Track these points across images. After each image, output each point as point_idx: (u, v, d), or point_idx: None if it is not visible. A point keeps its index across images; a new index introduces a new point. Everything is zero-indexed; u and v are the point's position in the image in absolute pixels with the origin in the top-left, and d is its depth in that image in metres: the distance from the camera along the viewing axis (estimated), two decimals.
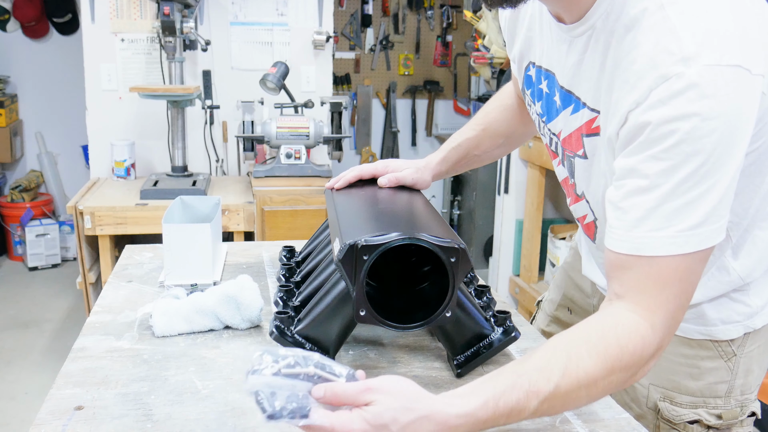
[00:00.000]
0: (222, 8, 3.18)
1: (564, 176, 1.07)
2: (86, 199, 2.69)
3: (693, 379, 1.06)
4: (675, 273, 0.81)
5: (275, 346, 0.96)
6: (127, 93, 3.11)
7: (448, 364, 1.03)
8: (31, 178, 4.63)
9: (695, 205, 0.79)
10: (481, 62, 3.39)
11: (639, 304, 0.82)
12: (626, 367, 0.81)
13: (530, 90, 1.09)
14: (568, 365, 0.79)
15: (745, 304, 1.02)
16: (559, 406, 0.80)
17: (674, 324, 0.84)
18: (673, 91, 0.77)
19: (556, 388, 0.78)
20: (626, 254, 0.82)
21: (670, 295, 0.82)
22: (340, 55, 5.04)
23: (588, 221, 1.05)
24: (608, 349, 0.80)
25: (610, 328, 0.82)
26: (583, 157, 0.97)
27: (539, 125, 1.09)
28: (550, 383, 0.78)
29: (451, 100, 5.35)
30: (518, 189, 3.33)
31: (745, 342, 1.04)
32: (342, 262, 0.89)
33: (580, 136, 0.96)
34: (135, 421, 0.86)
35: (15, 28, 4.59)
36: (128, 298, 1.26)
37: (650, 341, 0.81)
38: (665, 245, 0.80)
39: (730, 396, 1.06)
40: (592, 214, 1.02)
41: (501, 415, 0.76)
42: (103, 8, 3.07)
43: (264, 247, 1.59)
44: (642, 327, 0.81)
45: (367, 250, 0.88)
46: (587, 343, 0.81)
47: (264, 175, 2.85)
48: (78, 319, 3.58)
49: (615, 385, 0.82)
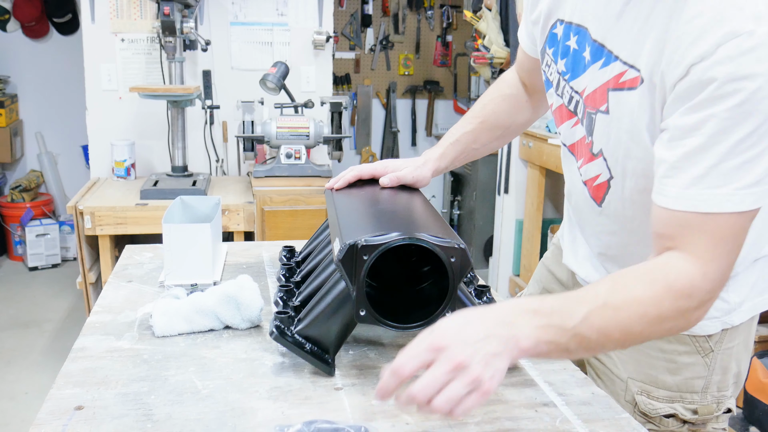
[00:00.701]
0: (222, 8, 3.18)
1: (579, 137, 1.05)
2: (86, 199, 2.69)
3: (670, 373, 1.07)
4: (730, 230, 0.82)
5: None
6: (127, 93, 3.11)
7: None
8: (31, 178, 4.63)
9: (753, 165, 0.80)
10: (481, 62, 3.39)
11: (692, 253, 0.83)
12: (676, 298, 0.81)
13: (553, 49, 1.07)
14: (614, 286, 0.82)
15: (723, 300, 1.03)
16: (613, 322, 0.80)
17: (724, 280, 0.85)
18: (742, 48, 0.77)
19: (605, 302, 0.80)
20: (683, 211, 0.83)
21: (723, 250, 0.83)
22: (340, 55, 5.04)
23: (601, 181, 1.02)
24: (655, 280, 0.82)
25: (658, 267, 0.84)
26: (605, 112, 0.96)
27: (558, 85, 1.07)
28: (597, 298, 0.81)
29: (451, 100, 5.35)
30: (518, 189, 3.33)
31: (722, 338, 1.05)
32: (342, 262, 0.89)
33: (605, 91, 0.95)
34: (135, 421, 0.86)
35: (15, 28, 4.59)
36: (128, 298, 1.26)
37: (700, 286, 0.82)
38: (723, 202, 0.81)
39: (707, 392, 1.07)
40: (608, 172, 1.00)
41: (549, 312, 0.80)
42: (103, 8, 3.07)
43: (264, 247, 1.59)
44: (691, 271, 0.82)
45: (367, 250, 0.88)
46: (634, 273, 0.84)
47: (264, 175, 2.85)
48: (78, 319, 3.58)
49: (667, 320, 0.82)
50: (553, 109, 1.12)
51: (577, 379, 1.01)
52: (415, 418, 0.88)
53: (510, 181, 3.33)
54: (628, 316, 0.81)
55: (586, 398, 0.95)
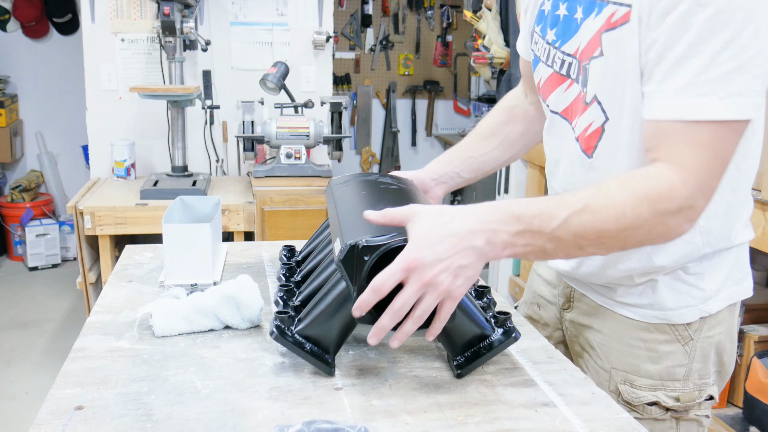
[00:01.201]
0: (222, 8, 3.18)
1: (574, 96, 1.06)
2: (86, 199, 2.69)
3: (652, 362, 1.09)
4: (711, 139, 0.87)
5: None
6: (127, 93, 3.11)
7: (448, 365, 1.04)
8: (31, 178, 4.63)
9: (736, 75, 0.85)
10: (481, 62, 3.39)
11: (671, 161, 0.88)
12: (654, 201, 0.86)
13: (541, 25, 1.12)
14: (596, 192, 0.89)
15: (699, 288, 1.06)
16: (588, 225, 0.87)
17: (707, 190, 0.88)
18: None
19: (585, 205, 0.87)
20: (665, 120, 0.88)
21: (703, 158, 0.87)
22: (340, 55, 5.04)
23: (594, 128, 1.04)
24: (636, 184, 0.88)
25: (638, 173, 0.90)
26: (600, 56, 0.99)
27: (549, 55, 1.10)
28: (579, 201, 0.88)
29: (451, 100, 5.35)
30: (518, 189, 3.33)
31: (701, 327, 1.08)
32: (343, 263, 0.89)
33: (599, 36, 0.98)
34: (135, 421, 0.86)
35: (15, 28, 4.59)
36: (128, 298, 1.26)
37: (678, 191, 0.87)
38: (706, 111, 0.85)
39: (688, 379, 1.09)
40: (603, 115, 1.02)
41: (531, 218, 0.87)
42: (103, 8, 3.07)
43: (264, 247, 1.59)
44: (671, 177, 0.87)
45: (368, 250, 0.88)
46: (615, 179, 0.90)
47: (264, 175, 2.85)
48: (78, 319, 3.58)
49: (645, 223, 0.87)
50: (541, 84, 1.14)
51: (577, 379, 1.01)
52: (415, 418, 0.88)
53: (510, 181, 3.33)
54: (605, 219, 0.87)
55: (586, 398, 0.95)
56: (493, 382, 0.98)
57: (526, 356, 1.07)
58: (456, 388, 0.96)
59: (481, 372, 1.01)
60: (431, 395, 0.94)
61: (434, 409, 0.90)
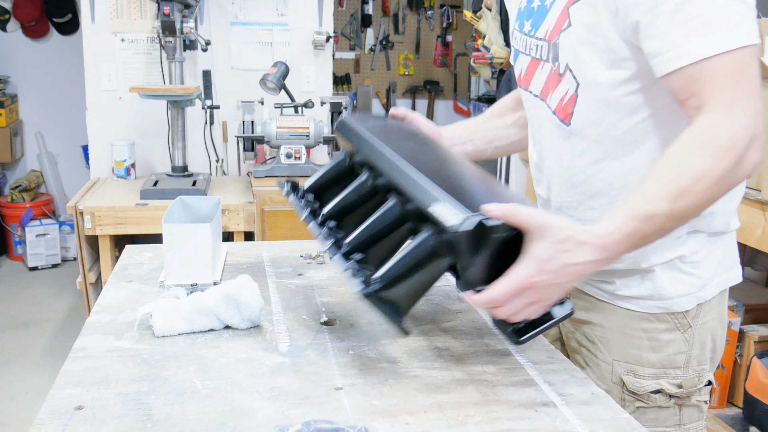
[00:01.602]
0: (222, 8, 3.19)
1: (545, 78, 1.11)
2: (86, 199, 2.69)
3: (653, 351, 1.12)
4: (741, 65, 0.91)
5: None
6: (127, 93, 3.11)
7: (448, 365, 1.03)
8: (31, 178, 4.63)
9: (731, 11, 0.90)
10: (481, 62, 3.39)
11: (716, 101, 0.91)
12: (729, 149, 0.89)
13: (519, 21, 1.16)
14: (677, 168, 0.90)
15: (696, 276, 1.10)
16: (691, 204, 0.90)
17: (759, 112, 0.91)
18: None
19: (679, 189, 0.89)
20: (687, 65, 0.91)
21: (743, 86, 0.91)
22: (340, 55, 5.04)
23: (569, 97, 1.07)
24: (704, 143, 0.90)
25: (696, 131, 0.92)
26: (567, 27, 1.04)
27: (526, 45, 1.14)
28: (670, 185, 0.90)
29: (451, 100, 5.35)
30: (518, 189, 3.33)
31: (698, 313, 1.11)
32: (464, 235, 0.85)
33: (566, 10, 1.03)
34: (135, 421, 0.86)
35: (15, 28, 4.59)
36: (128, 298, 1.26)
37: (741, 128, 0.90)
38: (719, 44, 0.90)
39: (688, 366, 1.13)
40: (575, 81, 1.05)
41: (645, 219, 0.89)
42: (103, 8, 3.07)
43: (264, 247, 1.59)
44: (727, 118, 0.90)
45: (495, 230, 0.86)
46: (681, 147, 0.92)
47: (264, 175, 2.85)
48: (78, 319, 3.58)
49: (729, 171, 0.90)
50: (523, 75, 1.18)
51: (577, 379, 1.01)
52: (415, 418, 0.88)
53: (510, 181, 3.33)
54: (701, 190, 0.90)
55: (586, 398, 0.95)
56: (493, 382, 0.98)
57: (526, 356, 1.07)
58: (456, 388, 0.96)
59: (481, 372, 1.01)
60: (431, 395, 0.94)
61: (434, 409, 0.90)
